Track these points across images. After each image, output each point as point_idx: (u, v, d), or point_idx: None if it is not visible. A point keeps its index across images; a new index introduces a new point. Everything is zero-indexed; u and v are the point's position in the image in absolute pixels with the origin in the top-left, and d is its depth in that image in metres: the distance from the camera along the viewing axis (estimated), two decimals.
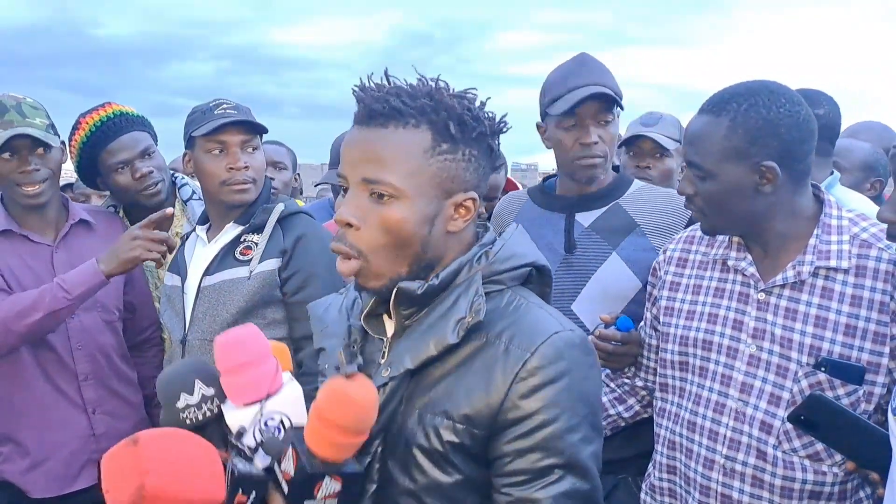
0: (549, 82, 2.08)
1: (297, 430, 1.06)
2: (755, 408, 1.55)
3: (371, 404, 1.03)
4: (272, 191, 2.24)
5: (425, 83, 1.14)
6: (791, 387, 1.52)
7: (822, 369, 1.48)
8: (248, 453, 1.05)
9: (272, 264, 2.04)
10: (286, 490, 1.03)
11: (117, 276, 2.28)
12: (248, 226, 2.09)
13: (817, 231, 1.54)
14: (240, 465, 1.03)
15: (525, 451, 1.08)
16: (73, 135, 2.40)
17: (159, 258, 2.13)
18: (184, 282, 2.14)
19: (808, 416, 1.40)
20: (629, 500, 1.98)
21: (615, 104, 2.02)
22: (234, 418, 1.09)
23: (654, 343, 1.82)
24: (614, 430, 1.95)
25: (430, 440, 1.11)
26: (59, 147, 2.23)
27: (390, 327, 1.20)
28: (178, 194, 2.57)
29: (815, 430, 1.41)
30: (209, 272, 2.09)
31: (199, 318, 2.07)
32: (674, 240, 1.82)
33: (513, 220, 2.16)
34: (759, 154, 1.48)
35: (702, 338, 1.64)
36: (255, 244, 2.06)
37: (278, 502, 1.04)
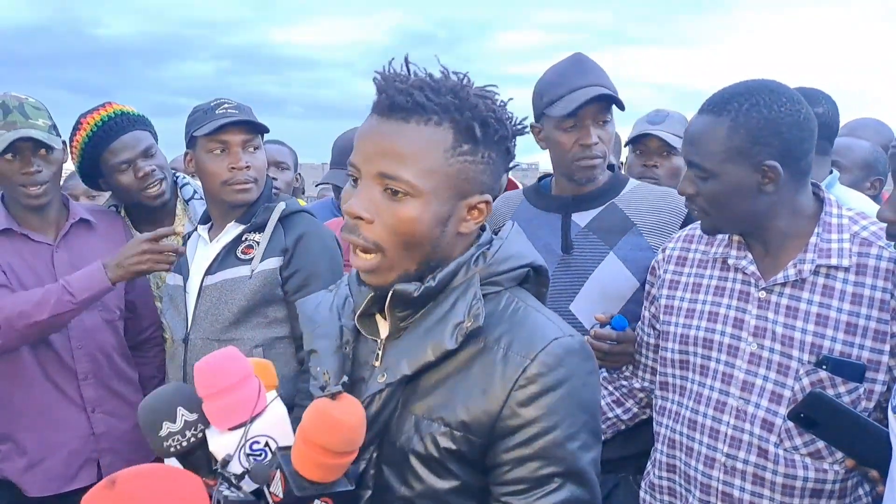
0: (545, 83, 2.07)
1: (284, 450, 1.04)
2: (756, 406, 1.55)
3: (358, 425, 1.00)
4: (274, 190, 2.24)
5: (448, 77, 1.10)
6: (792, 385, 1.52)
7: (824, 367, 1.48)
8: (235, 481, 1.03)
9: (273, 263, 2.04)
10: None
11: None
12: (249, 225, 2.09)
13: (818, 229, 1.55)
14: (226, 493, 1.01)
15: (524, 459, 1.06)
16: (74, 135, 2.40)
17: (168, 268, 2.15)
18: (186, 281, 2.15)
19: (807, 413, 1.40)
20: (629, 498, 1.98)
21: (613, 104, 2.02)
22: (219, 445, 1.06)
23: (653, 342, 1.82)
24: (614, 433, 1.95)
25: (427, 447, 1.09)
26: (60, 148, 2.22)
27: (384, 328, 1.17)
28: (180, 194, 2.57)
29: (814, 428, 1.41)
30: (211, 271, 2.09)
31: (201, 318, 2.07)
32: (673, 238, 1.82)
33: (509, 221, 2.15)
34: (761, 154, 1.48)
35: (702, 336, 1.64)
36: (257, 243, 2.07)
37: None
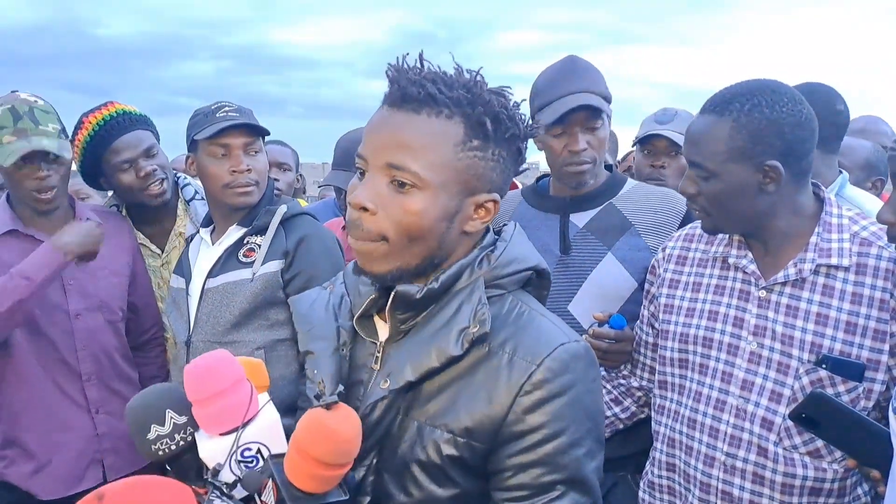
0: (537, 87, 2.07)
1: (277, 458, 1.01)
2: (756, 405, 1.55)
3: (353, 437, 0.98)
4: (276, 192, 2.24)
5: (462, 73, 1.09)
6: (792, 384, 1.52)
7: (823, 366, 1.49)
8: (226, 490, 1.01)
9: (275, 266, 2.04)
10: None
11: (122, 277, 2.31)
12: (251, 228, 2.09)
13: (818, 229, 1.55)
14: (217, 503, 1.00)
15: (527, 465, 1.05)
16: (76, 134, 2.39)
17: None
18: (188, 284, 2.15)
19: (809, 413, 1.40)
20: (628, 497, 1.98)
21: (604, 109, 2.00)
22: (209, 451, 1.03)
23: (652, 341, 1.83)
24: (612, 432, 1.95)
25: (429, 454, 1.07)
26: (70, 153, 2.21)
27: (382, 330, 1.15)
28: (181, 194, 2.57)
29: (816, 428, 1.41)
30: (213, 274, 2.09)
31: (202, 320, 2.07)
32: (673, 238, 1.83)
33: (507, 221, 2.15)
34: (763, 154, 1.49)
35: (702, 335, 1.64)
36: (258, 246, 2.06)
37: None
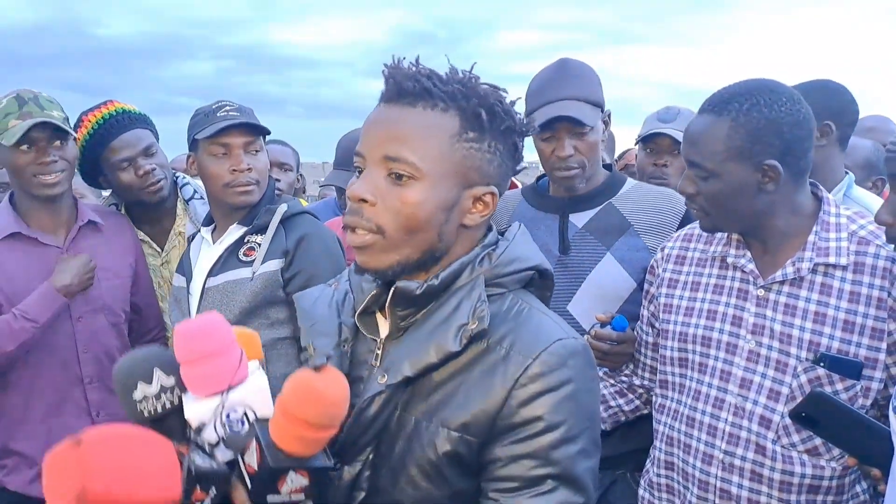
0: (529, 90, 2.06)
1: (262, 422, 0.99)
2: (754, 403, 1.56)
3: (340, 399, 0.97)
4: (276, 191, 2.23)
5: (456, 72, 1.11)
6: (790, 382, 1.53)
7: (821, 364, 1.49)
8: (209, 449, 0.99)
9: (274, 265, 2.03)
10: (249, 485, 0.97)
11: (125, 278, 2.31)
12: (251, 227, 2.09)
13: (816, 228, 1.55)
14: (198, 461, 0.97)
15: (519, 457, 1.04)
16: (75, 132, 2.35)
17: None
18: (189, 283, 2.15)
19: (809, 412, 1.39)
20: (627, 495, 1.99)
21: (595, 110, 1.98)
22: (195, 412, 1.01)
23: (652, 341, 1.83)
24: (615, 424, 1.94)
25: (426, 450, 1.07)
26: (74, 140, 2.22)
27: (384, 327, 1.15)
28: (180, 193, 2.56)
29: (816, 427, 1.41)
30: (213, 273, 2.09)
31: None
32: (672, 237, 1.83)
33: (507, 221, 2.14)
34: (762, 153, 1.49)
35: (701, 334, 1.65)
36: (258, 245, 2.06)
37: (241, 497, 0.98)
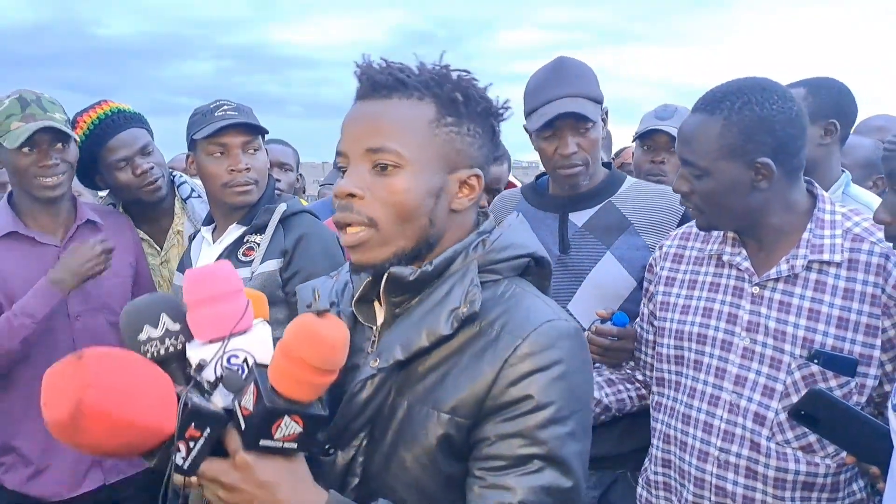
0: (527, 91, 2.06)
1: (261, 367, 1.00)
2: (749, 400, 1.56)
3: (341, 343, 0.97)
4: (276, 191, 2.23)
5: (425, 64, 1.13)
6: (784, 379, 1.53)
7: (815, 361, 1.50)
8: (207, 387, 0.99)
9: (273, 265, 2.03)
10: (243, 427, 0.97)
11: (125, 277, 2.31)
12: (250, 226, 2.09)
13: (810, 225, 1.56)
14: (195, 399, 0.97)
15: (507, 435, 1.03)
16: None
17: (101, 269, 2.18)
18: None
19: (808, 411, 1.39)
20: (628, 494, 1.98)
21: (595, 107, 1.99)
22: (197, 356, 1.02)
23: (652, 339, 1.83)
24: (621, 410, 1.91)
25: (418, 435, 1.07)
26: (75, 141, 2.22)
27: (381, 315, 1.16)
28: (178, 192, 2.56)
29: (815, 426, 1.41)
30: None
31: None
32: (670, 236, 1.84)
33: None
34: (754, 151, 1.50)
35: (696, 331, 1.65)
36: (257, 245, 2.06)
37: (234, 440, 0.98)
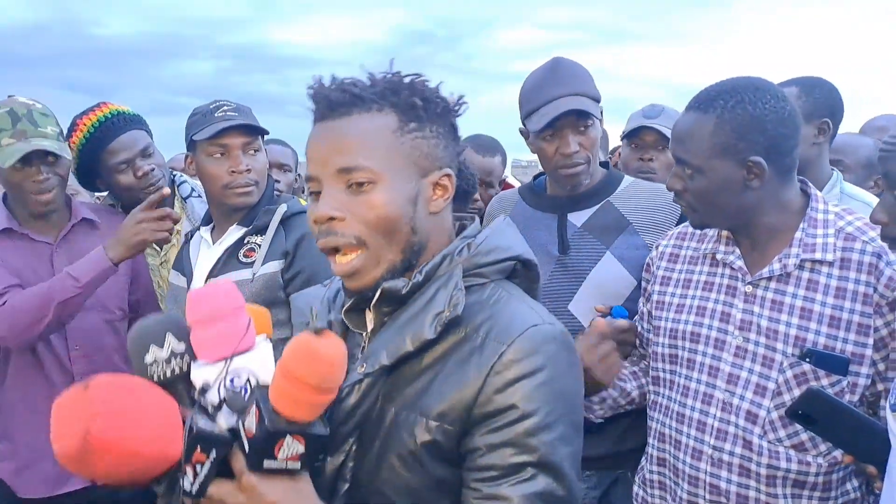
0: (523, 92, 2.06)
1: (264, 388, 1.01)
2: (741, 398, 1.57)
3: (339, 361, 0.98)
4: (276, 192, 2.23)
5: (375, 75, 1.13)
6: (777, 377, 1.53)
7: (808, 360, 1.50)
8: (211, 410, 1.00)
9: (275, 266, 2.03)
10: (247, 449, 0.98)
11: (122, 276, 2.28)
12: (251, 228, 2.08)
13: (803, 224, 1.56)
14: (200, 423, 0.98)
15: (497, 445, 1.04)
16: (70, 136, 2.37)
17: (167, 235, 2.13)
18: (189, 283, 2.14)
19: (805, 410, 1.39)
20: (628, 494, 1.97)
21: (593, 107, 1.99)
22: (200, 374, 1.03)
23: (651, 338, 1.83)
24: (643, 403, 1.86)
25: (405, 440, 1.07)
26: (68, 155, 2.20)
27: (371, 322, 1.17)
28: (178, 192, 2.56)
29: (813, 425, 1.40)
30: (213, 275, 2.08)
31: None
32: (666, 236, 1.84)
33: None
34: (747, 149, 1.50)
35: (690, 330, 1.66)
36: (258, 246, 2.06)
37: (239, 461, 0.99)
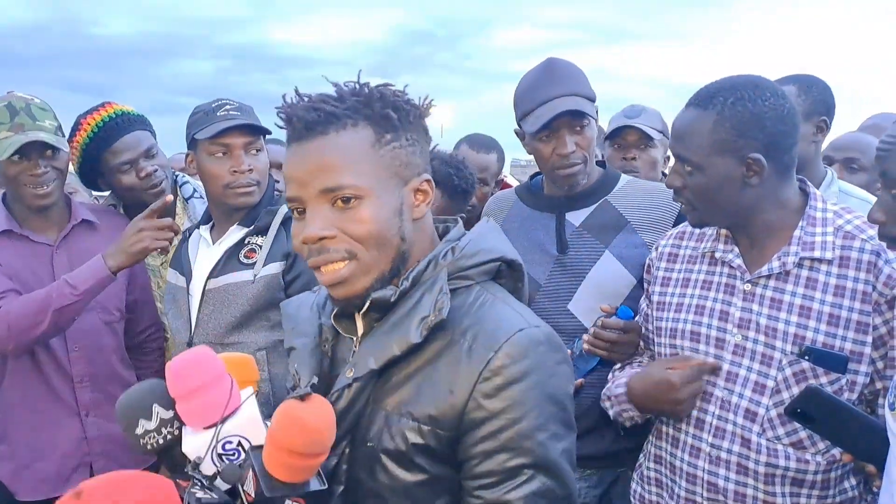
0: (518, 93, 2.05)
1: (257, 449, 1.04)
2: (740, 396, 1.57)
3: (326, 427, 1.01)
4: (276, 192, 2.21)
5: (344, 85, 1.13)
6: (775, 375, 1.54)
7: (806, 358, 1.50)
8: (206, 482, 1.04)
9: (276, 268, 2.02)
10: None
11: (121, 276, 2.25)
12: (252, 228, 2.07)
13: (802, 223, 1.56)
14: (198, 494, 1.02)
15: (493, 452, 1.06)
16: (73, 136, 2.37)
17: (167, 245, 2.12)
18: (188, 283, 2.12)
19: (804, 408, 1.39)
20: (629, 493, 1.97)
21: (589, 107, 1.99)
22: (192, 444, 1.06)
23: (652, 337, 1.83)
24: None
25: (395, 441, 1.09)
26: (67, 149, 2.20)
27: (361, 327, 1.19)
28: (180, 192, 2.56)
29: (812, 424, 1.41)
30: (214, 275, 2.06)
31: (204, 321, 2.05)
32: (665, 236, 1.84)
33: (503, 221, 2.16)
34: (746, 147, 1.50)
35: (689, 329, 1.66)
36: (259, 247, 2.05)
37: None
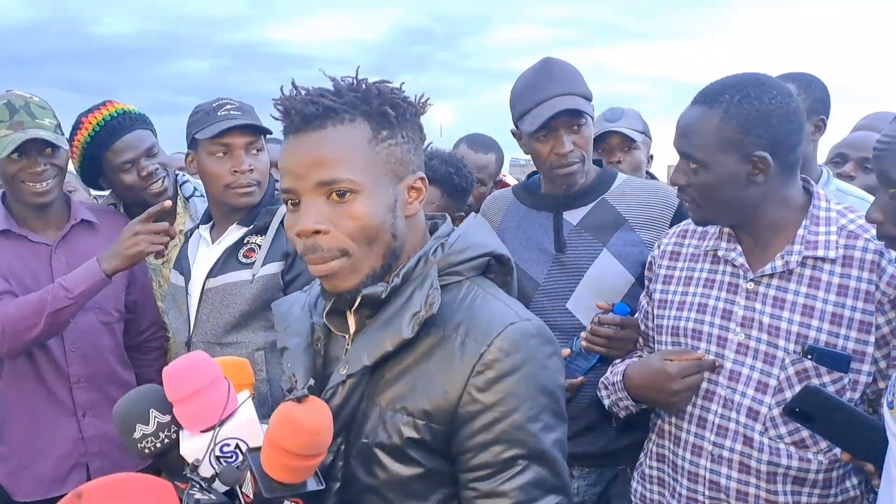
0: (515, 93, 2.05)
1: (254, 451, 1.05)
2: (742, 395, 1.57)
3: (323, 428, 1.02)
4: (276, 192, 2.20)
5: (340, 82, 1.13)
6: (778, 374, 1.54)
7: (809, 357, 1.50)
8: (205, 485, 1.05)
9: (275, 268, 2.01)
10: None
11: (119, 277, 2.25)
12: (251, 227, 2.07)
13: (805, 222, 1.56)
14: (197, 496, 1.03)
15: (487, 444, 1.08)
16: (74, 135, 2.37)
17: (163, 249, 2.12)
18: (187, 282, 2.12)
19: (802, 407, 1.40)
20: (627, 490, 1.98)
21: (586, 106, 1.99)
22: (190, 448, 1.07)
23: (653, 335, 1.83)
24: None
25: (391, 436, 1.11)
26: (66, 148, 2.19)
27: (353, 324, 1.20)
28: (180, 192, 2.55)
29: (810, 423, 1.41)
30: (213, 274, 2.06)
31: (203, 321, 2.05)
32: (668, 234, 1.84)
33: (500, 221, 2.17)
34: (752, 144, 1.50)
35: (692, 327, 1.66)
36: (259, 246, 2.04)
37: None
